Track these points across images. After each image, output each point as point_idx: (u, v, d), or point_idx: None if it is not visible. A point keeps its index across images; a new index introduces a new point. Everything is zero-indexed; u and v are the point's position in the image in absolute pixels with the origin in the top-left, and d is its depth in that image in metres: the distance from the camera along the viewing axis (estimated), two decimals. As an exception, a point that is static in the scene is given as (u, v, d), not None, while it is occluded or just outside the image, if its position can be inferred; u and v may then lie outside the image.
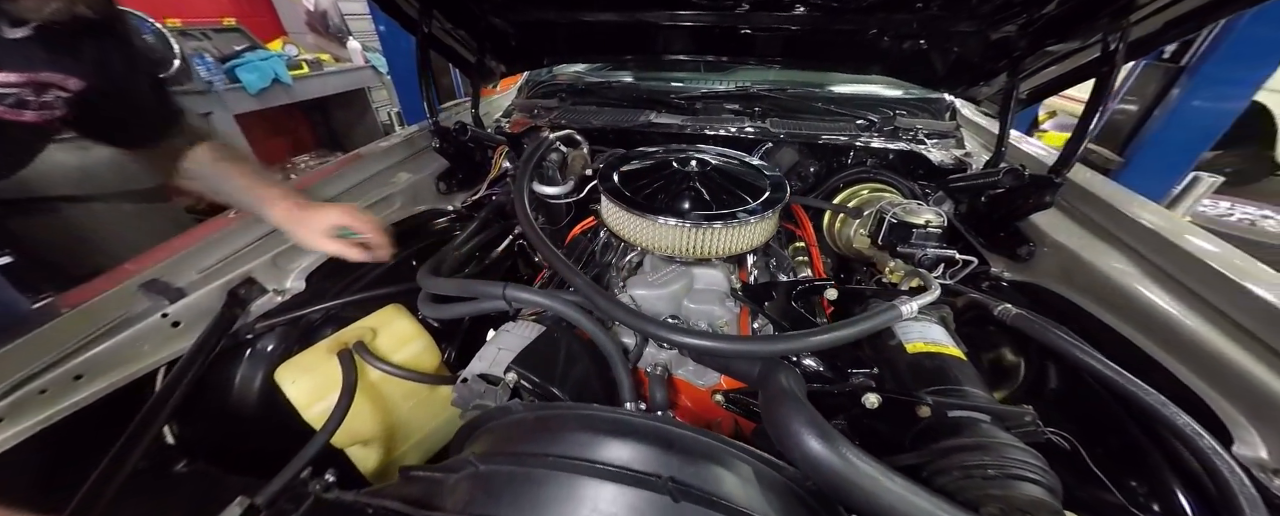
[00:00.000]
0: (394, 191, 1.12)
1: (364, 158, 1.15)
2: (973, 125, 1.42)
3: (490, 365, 0.68)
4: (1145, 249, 0.79)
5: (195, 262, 0.79)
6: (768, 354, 0.60)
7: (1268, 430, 0.56)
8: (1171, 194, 2.02)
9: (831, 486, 0.44)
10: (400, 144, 1.28)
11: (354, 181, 1.10)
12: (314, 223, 0.74)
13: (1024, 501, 0.47)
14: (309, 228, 0.74)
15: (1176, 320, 0.68)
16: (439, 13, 1.10)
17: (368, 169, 1.14)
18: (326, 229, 0.75)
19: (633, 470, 0.42)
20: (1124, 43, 0.75)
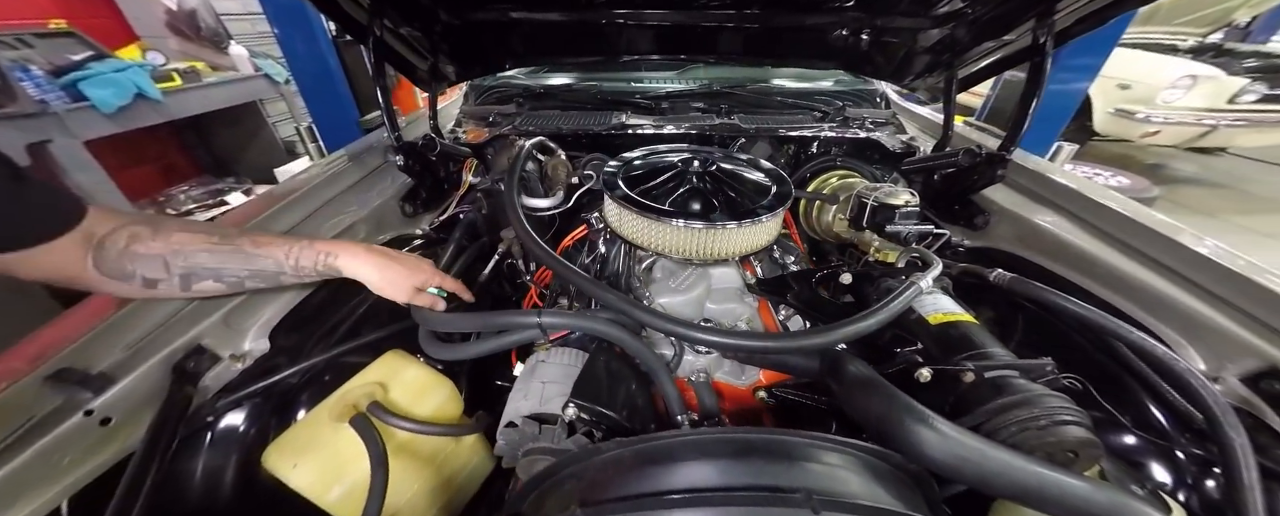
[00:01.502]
0: (356, 219, 0.97)
1: (309, 184, 0.98)
2: (904, 111, 1.59)
3: (541, 402, 0.62)
4: (1075, 208, 0.94)
5: (116, 339, 0.62)
6: (830, 344, 0.62)
7: (1200, 345, 0.70)
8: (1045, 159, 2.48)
9: (940, 465, 0.46)
10: (351, 165, 1.11)
11: (303, 213, 0.93)
12: (407, 277, 0.70)
13: (1073, 443, 0.54)
14: (401, 283, 0.70)
15: (1114, 263, 0.82)
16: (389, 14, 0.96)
17: (317, 197, 0.97)
18: (420, 283, 0.72)
19: (767, 487, 0.41)
20: (1050, 34, 0.88)
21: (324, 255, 0.66)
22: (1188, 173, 4.62)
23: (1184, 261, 0.74)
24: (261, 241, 0.64)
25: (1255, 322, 0.65)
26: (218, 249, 0.60)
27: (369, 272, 0.68)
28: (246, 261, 0.62)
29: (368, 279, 0.68)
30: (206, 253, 0.60)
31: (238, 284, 0.64)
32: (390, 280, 0.69)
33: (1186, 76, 3.40)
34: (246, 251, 0.62)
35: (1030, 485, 0.45)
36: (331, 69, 2.14)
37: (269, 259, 0.63)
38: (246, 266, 0.62)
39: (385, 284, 0.69)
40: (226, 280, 0.62)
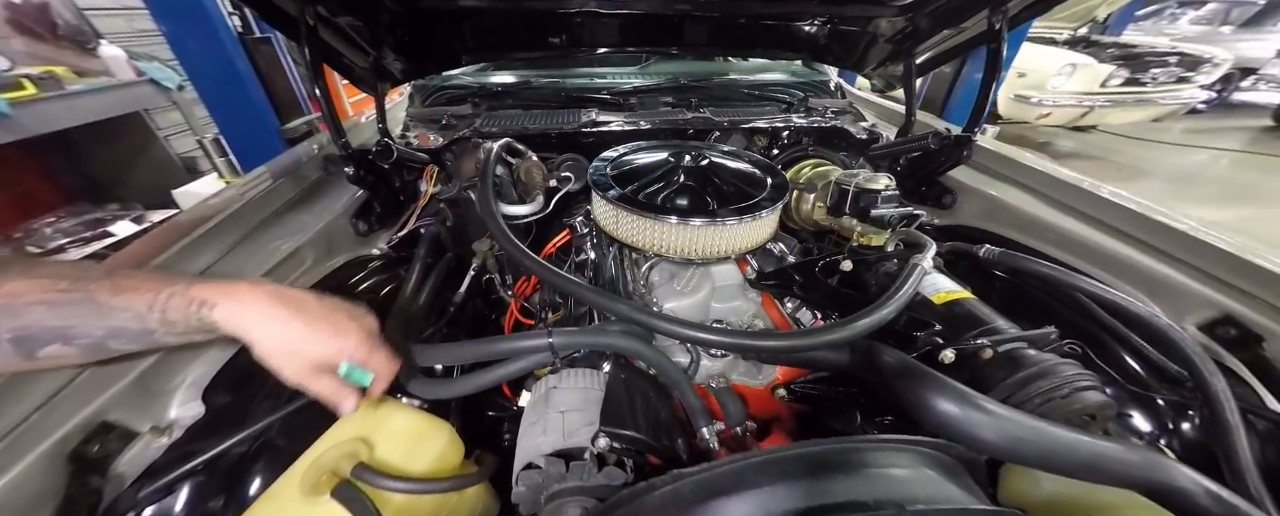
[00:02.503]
0: (300, 243, 0.83)
1: (231, 206, 0.81)
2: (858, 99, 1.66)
3: (565, 436, 0.55)
4: (1035, 183, 1.02)
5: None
6: (860, 335, 0.60)
7: (1161, 301, 0.77)
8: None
9: (999, 449, 0.46)
10: (283, 182, 0.95)
11: (228, 244, 0.77)
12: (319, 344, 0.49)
13: (1093, 407, 0.56)
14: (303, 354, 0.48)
15: (1077, 232, 0.89)
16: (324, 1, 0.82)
17: (244, 222, 0.81)
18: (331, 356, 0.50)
19: (855, 506, 0.38)
20: (1005, 19, 0.93)
21: (197, 304, 0.45)
22: (1068, 148, 5.33)
23: (1139, 226, 0.82)
24: (125, 286, 0.45)
25: (1207, 276, 0.73)
26: (63, 300, 0.43)
27: (260, 331, 0.47)
28: (101, 316, 0.44)
29: (255, 341, 0.47)
30: (46, 306, 0.42)
31: (95, 347, 0.45)
32: (287, 346, 0.47)
33: (1068, 64, 3.90)
34: (100, 302, 0.43)
35: (1084, 458, 0.46)
36: (240, 71, 1.84)
37: (129, 312, 0.44)
38: (102, 323, 0.44)
39: (276, 352, 0.47)
40: (78, 343, 0.44)
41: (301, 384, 0.49)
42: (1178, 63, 4.09)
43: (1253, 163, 4.90)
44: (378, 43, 1.02)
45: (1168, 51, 4.20)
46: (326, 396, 0.51)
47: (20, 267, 0.44)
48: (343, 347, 0.50)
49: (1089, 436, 0.47)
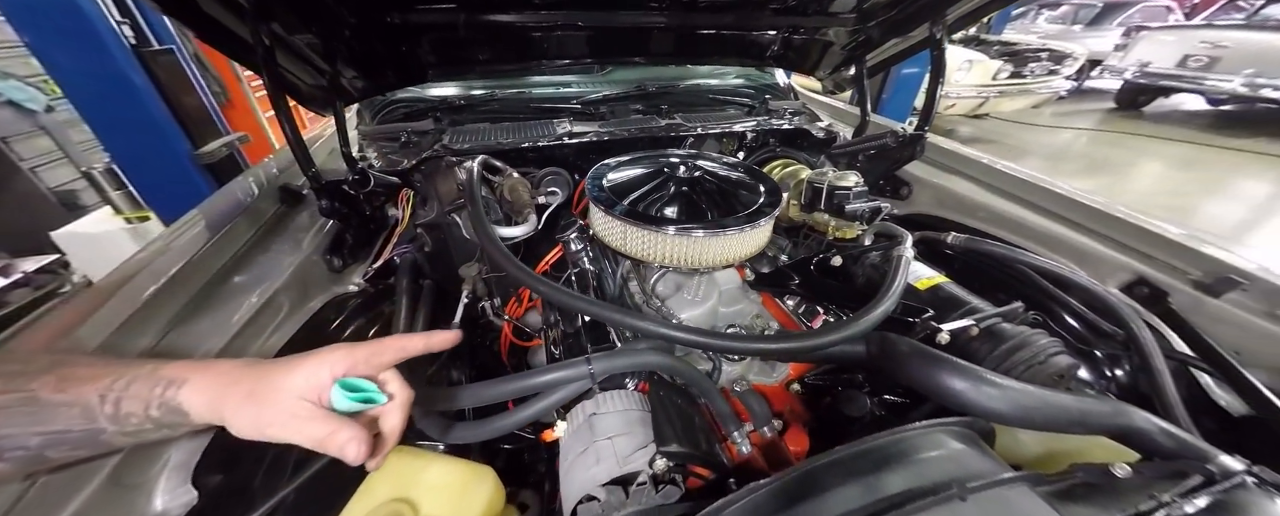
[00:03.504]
0: (274, 289, 0.74)
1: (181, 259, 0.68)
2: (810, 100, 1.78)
3: (620, 463, 0.54)
4: (977, 173, 1.16)
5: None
6: (872, 327, 0.66)
7: (1088, 268, 0.92)
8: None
9: (1011, 418, 0.52)
10: (241, 218, 0.84)
11: (185, 297, 0.66)
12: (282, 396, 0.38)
13: (1063, 369, 0.66)
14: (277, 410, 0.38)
15: (1016, 214, 1.03)
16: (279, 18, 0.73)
17: (203, 271, 0.70)
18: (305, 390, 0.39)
19: (923, 491, 0.42)
20: (944, 29, 1.05)
21: (162, 386, 0.37)
22: (969, 133, 6.06)
23: (1066, 205, 0.96)
24: (72, 376, 0.37)
25: (1122, 245, 0.87)
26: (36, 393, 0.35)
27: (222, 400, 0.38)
28: (38, 420, 0.35)
29: (222, 415, 0.38)
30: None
31: (31, 459, 0.36)
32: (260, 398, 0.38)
33: (966, 61, 4.44)
34: (42, 401, 0.35)
35: (1075, 417, 0.54)
36: (137, 88, 1.56)
37: (76, 409, 0.36)
38: (39, 428, 0.35)
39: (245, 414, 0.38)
40: (9, 456, 0.35)
41: (295, 441, 0.38)
42: (1048, 57, 4.79)
43: (1104, 139, 5.88)
44: (333, 59, 0.93)
45: (1040, 48, 4.91)
46: (322, 442, 0.38)
47: None
48: (324, 363, 0.40)
49: (1076, 398, 0.55)
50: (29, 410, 0.35)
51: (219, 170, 1.78)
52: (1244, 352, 0.73)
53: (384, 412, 0.42)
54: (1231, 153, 5.12)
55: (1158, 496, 0.45)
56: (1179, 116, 6.61)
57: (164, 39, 1.68)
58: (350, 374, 0.41)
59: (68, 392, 0.36)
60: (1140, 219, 0.88)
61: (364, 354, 0.42)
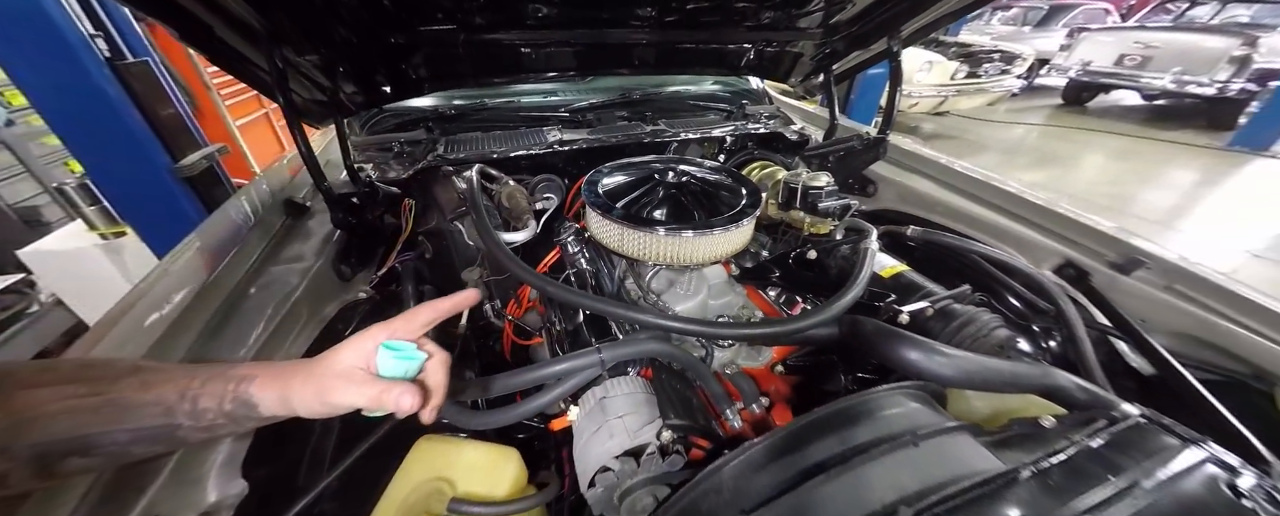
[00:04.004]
0: (291, 299, 0.78)
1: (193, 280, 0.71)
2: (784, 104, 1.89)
3: (631, 437, 0.62)
4: (934, 172, 1.28)
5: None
6: (841, 313, 0.75)
7: (1026, 254, 1.05)
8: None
9: (955, 381, 0.63)
10: (252, 232, 0.87)
11: (208, 312, 0.69)
12: (336, 368, 0.43)
13: (1002, 340, 0.77)
14: (331, 380, 0.43)
15: (966, 208, 1.15)
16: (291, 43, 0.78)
17: (221, 287, 0.73)
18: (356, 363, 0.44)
19: (882, 438, 0.51)
20: (900, 41, 1.17)
21: (236, 387, 0.42)
22: (931, 130, 6.39)
23: (1008, 200, 1.09)
24: (154, 381, 0.42)
25: (1053, 233, 1.00)
26: (82, 407, 0.39)
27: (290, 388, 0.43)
28: (123, 417, 0.40)
29: (290, 402, 0.43)
30: (67, 416, 0.39)
31: (119, 454, 0.41)
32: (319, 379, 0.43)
33: (926, 62, 4.69)
34: (127, 402, 0.40)
35: (1007, 379, 0.65)
36: (113, 101, 1.53)
37: (157, 408, 0.41)
38: (123, 425, 0.40)
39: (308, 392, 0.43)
40: (99, 452, 0.40)
41: (350, 400, 0.43)
42: (1000, 58, 5.11)
43: (1053, 133, 6.30)
44: (334, 76, 0.97)
45: (993, 49, 5.23)
46: (380, 400, 0.42)
47: (24, 375, 0.40)
48: (369, 337, 0.45)
49: (1010, 363, 0.66)
50: (117, 410, 0.40)
51: (198, 183, 1.76)
52: (1149, 321, 0.86)
53: (428, 370, 0.47)
54: (1163, 144, 5.58)
55: (1071, 438, 0.56)
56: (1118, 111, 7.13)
57: (138, 51, 1.65)
58: (393, 338, 0.46)
59: (150, 393, 0.41)
60: (1068, 210, 1.01)
61: (400, 321, 0.47)
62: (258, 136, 3.51)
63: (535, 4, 0.93)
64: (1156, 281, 0.87)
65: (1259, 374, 0.76)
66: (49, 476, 0.39)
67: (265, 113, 3.60)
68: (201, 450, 0.55)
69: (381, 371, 0.44)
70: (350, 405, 0.43)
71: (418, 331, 0.48)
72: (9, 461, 0.37)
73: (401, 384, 0.43)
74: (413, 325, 0.48)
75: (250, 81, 0.82)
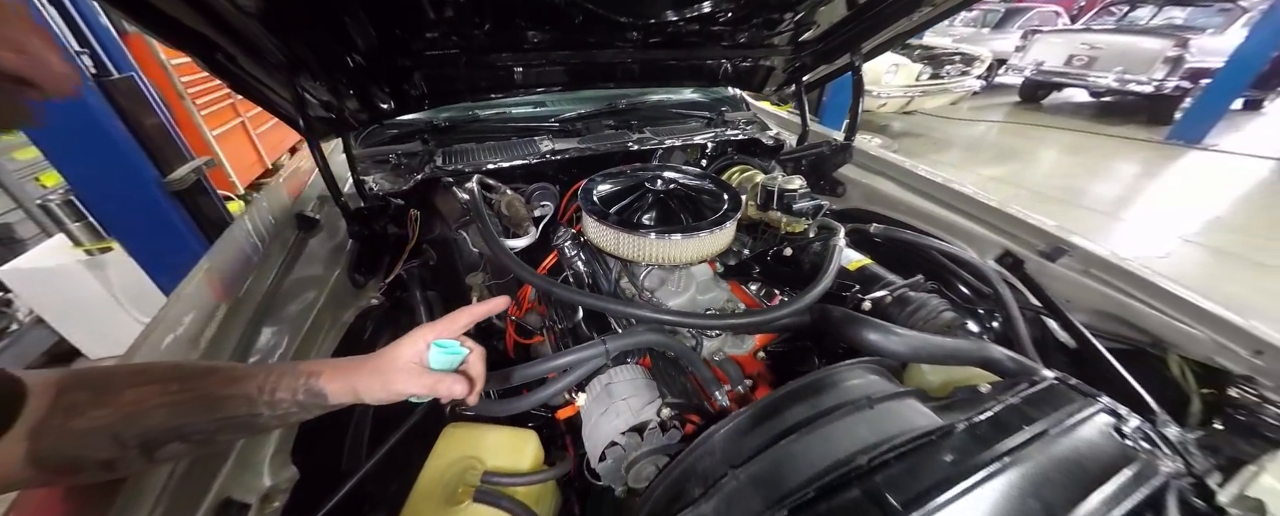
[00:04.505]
0: (317, 306, 0.85)
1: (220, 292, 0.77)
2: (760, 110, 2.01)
3: (635, 415, 0.72)
4: (895, 173, 1.42)
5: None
6: (812, 303, 0.87)
7: (972, 246, 1.19)
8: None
9: (906, 356, 0.75)
10: (273, 246, 0.93)
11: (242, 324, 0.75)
12: (397, 362, 0.52)
13: (949, 322, 0.90)
14: (393, 374, 0.52)
15: (922, 206, 1.29)
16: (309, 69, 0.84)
17: (251, 301, 0.79)
18: (415, 363, 0.53)
19: (844, 403, 0.62)
20: (861, 57, 1.29)
21: (305, 378, 0.51)
22: (900, 128, 6.68)
23: (958, 198, 1.23)
24: (232, 377, 0.50)
25: (994, 227, 1.14)
26: (179, 401, 0.47)
27: (356, 380, 0.52)
28: (213, 409, 0.48)
29: (357, 391, 0.52)
30: (167, 409, 0.46)
31: (208, 440, 0.49)
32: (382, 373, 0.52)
33: (893, 65, 4.93)
34: (214, 396, 0.48)
35: (949, 353, 0.77)
36: (100, 116, 1.52)
37: (240, 400, 0.49)
38: (213, 416, 0.48)
39: (375, 384, 0.52)
40: (193, 438, 0.48)
41: (410, 390, 0.52)
42: (960, 60, 5.40)
43: (1011, 129, 6.68)
44: (340, 95, 1.03)
45: (954, 51, 5.52)
46: (434, 388, 0.52)
47: (125, 376, 0.47)
48: (420, 337, 0.54)
49: (952, 340, 0.79)
50: (207, 403, 0.48)
51: (186, 197, 1.76)
52: (1072, 301, 1.01)
53: (469, 362, 0.56)
54: (1109, 139, 6.00)
55: (999, 398, 0.68)
56: (1070, 108, 7.60)
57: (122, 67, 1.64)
58: (440, 337, 0.55)
59: (232, 388, 0.49)
60: (1005, 207, 1.16)
61: (444, 323, 0.56)
62: (234, 146, 3.45)
63: (532, 31, 1.01)
64: (1077, 267, 1.02)
65: (1156, 342, 0.91)
66: (152, 460, 0.46)
67: (241, 121, 3.54)
68: (256, 442, 0.62)
69: (433, 365, 0.53)
70: (411, 393, 0.52)
71: (459, 331, 0.57)
72: (121, 448, 0.44)
73: (451, 375, 0.53)
74: (455, 326, 0.56)
75: (267, 106, 0.88)
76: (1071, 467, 0.59)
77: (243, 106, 3.54)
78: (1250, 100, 6.83)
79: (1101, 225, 3.70)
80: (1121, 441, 0.63)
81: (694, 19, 1.04)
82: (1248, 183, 4.59)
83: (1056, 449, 0.60)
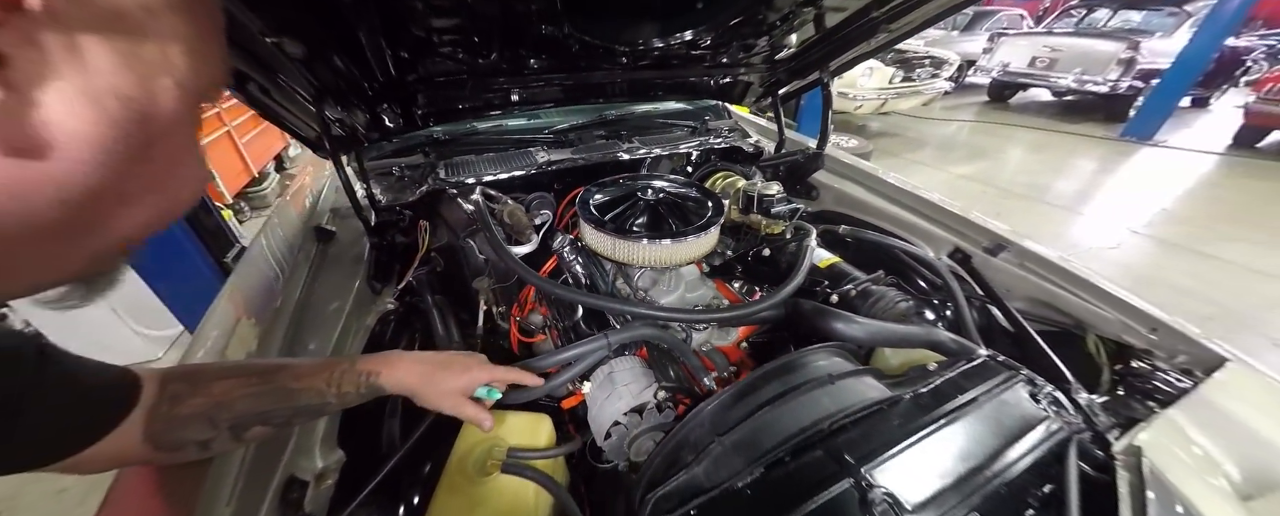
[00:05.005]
0: (345, 312, 0.94)
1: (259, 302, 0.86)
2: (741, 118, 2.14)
3: (635, 397, 0.83)
4: (860, 178, 1.56)
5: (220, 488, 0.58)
6: (786, 298, 0.99)
7: (929, 244, 1.33)
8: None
9: (866, 341, 0.88)
10: (299, 261, 1.01)
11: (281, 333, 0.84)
12: (455, 380, 0.68)
13: (905, 312, 1.03)
14: (448, 390, 0.68)
15: (884, 208, 1.43)
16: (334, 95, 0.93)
17: (285, 311, 0.87)
18: (466, 386, 0.70)
19: (811, 380, 0.74)
20: (829, 74, 1.43)
21: (366, 376, 0.64)
22: (877, 128, 6.94)
23: (916, 201, 1.38)
24: (301, 372, 0.61)
25: (945, 226, 1.29)
26: (260, 392, 0.57)
27: (413, 384, 0.66)
28: (289, 398, 0.59)
29: (412, 392, 0.67)
30: (251, 398, 0.56)
31: (285, 423, 0.60)
32: (437, 387, 0.67)
33: (867, 68, 5.14)
34: (288, 388, 0.59)
35: (902, 337, 0.90)
36: None
37: (312, 392, 0.60)
38: (290, 404, 0.59)
39: (431, 394, 0.67)
40: (274, 422, 0.58)
41: (454, 411, 0.69)
42: (930, 63, 5.66)
43: (981, 129, 7.00)
44: (353, 115, 1.11)
45: (924, 55, 5.77)
46: (473, 417, 0.70)
47: (215, 371, 0.57)
48: (475, 377, 0.72)
49: (904, 326, 0.92)
50: (283, 394, 0.58)
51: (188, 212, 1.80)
52: (1011, 291, 1.15)
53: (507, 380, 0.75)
54: (1071, 136, 6.35)
55: (941, 374, 0.81)
56: (1035, 107, 7.98)
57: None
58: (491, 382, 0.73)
59: (303, 382, 0.59)
60: (956, 207, 1.30)
61: (498, 373, 0.74)
62: (221, 155, 3.44)
63: (532, 58, 1.11)
64: (1014, 261, 1.17)
65: (1078, 324, 1.06)
66: (239, 440, 0.56)
67: (226, 130, 3.52)
68: (308, 429, 0.71)
69: (478, 395, 0.72)
70: (450, 412, 0.69)
71: (503, 382, 0.74)
72: (214, 429, 0.54)
73: (485, 410, 0.72)
74: (503, 377, 0.75)
75: (291, 129, 0.96)
76: (994, 426, 0.72)
77: (228, 115, 3.53)
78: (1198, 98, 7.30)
79: (1064, 220, 3.96)
80: (1036, 405, 0.77)
81: (678, 45, 1.16)
82: (1193, 176, 4.94)
83: (983, 412, 0.74)
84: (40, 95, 0.22)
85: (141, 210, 0.29)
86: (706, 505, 0.61)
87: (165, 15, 0.26)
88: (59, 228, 0.25)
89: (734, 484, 0.62)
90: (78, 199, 0.25)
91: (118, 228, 0.28)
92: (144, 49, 0.26)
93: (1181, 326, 0.90)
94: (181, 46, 0.27)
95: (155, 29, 0.26)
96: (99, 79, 0.24)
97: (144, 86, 0.26)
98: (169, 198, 0.31)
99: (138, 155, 0.27)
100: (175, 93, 0.27)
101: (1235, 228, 3.72)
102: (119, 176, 0.26)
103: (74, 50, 0.23)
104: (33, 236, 0.24)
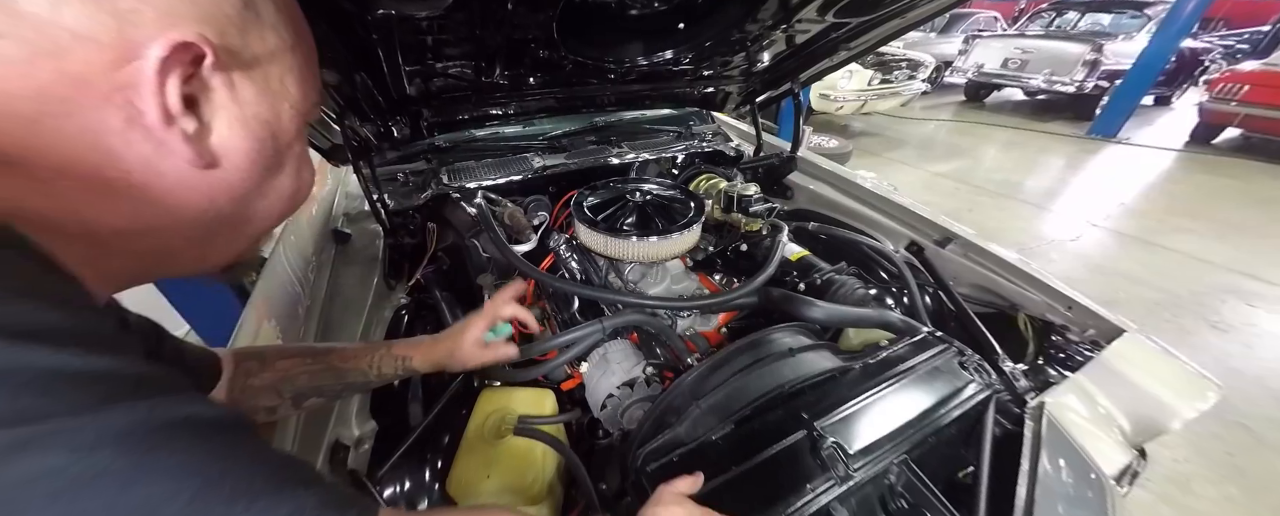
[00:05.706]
0: (366, 308, 1.05)
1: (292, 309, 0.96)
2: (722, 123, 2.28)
3: (626, 373, 0.96)
4: (830, 179, 1.71)
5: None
6: (760, 287, 1.13)
7: (889, 239, 1.49)
8: (795, 137, 3.77)
9: (827, 322, 1.02)
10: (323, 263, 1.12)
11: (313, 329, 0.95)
12: (465, 344, 0.77)
13: (864, 298, 1.18)
14: (464, 352, 0.77)
15: (851, 206, 1.58)
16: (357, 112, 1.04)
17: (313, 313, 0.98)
18: (477, 342, 0.78)
19: (774, 353, 0.88)
20: (799, 84, 1.57)
21: (401, 359, 0.75)
22: (858, 128, 7.16)
23: (878, 200, 1.53)
24: (347, 355, 0.72)
25: (902, 222, 1.44)
26: (315, 370, 0.68)
27: (439, 357, 0.77)
28: (339, 376, 0.70)
29: (442, 364, 0.77)
30: (307, 375, 0.67)
31: (336, 395, 0.73)
32: (460, 353, 0.77)
33: (847, 71, 5.33)
34: (337, 367, 0.70)
35: (856, 318, 1.05)
36: None
37: (356, 371, 0.71)
38: (340, 380, 0.70)
39: (457, 360, 0.77)
40: (326, 394, 0.70)
41: (482, 361, 0.80)
42: (907, 65, 5.88)
43: (958, 128, 7.26)
44: (367, 127, 1.22)
45: (902, 57, 5.99)
46: (497, 356, 0.81)
47: (276, 351, 0.69)
48: (477, 327, 0.80)
49: (858, 309, 1.06)
50: (334, 372, 0.70)
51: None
52: (956, 279, 1.31)
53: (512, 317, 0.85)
54: (1042, 134, 6.63)
55: (889, 349, 0.96)
56: (1009, 106, 8.28)
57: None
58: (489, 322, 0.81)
59: (350, 363, 0.72)
60: (911, 204, 1.46)
61: (490, 311, 0.82)
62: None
63: (531, 76, 1.23)
64: (960, 251, 1.32)
65: (1012, 305, 1.22)
66: (300, 408, 0.68)
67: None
68: (345, 402, 0.83)
69: (487, 340, 0.81)
70: (479, 364, 0.80)
71: (502, 316, 0.83)
72: (279, 398, 0.66)
73: (504, 343, 0.82)
74: (500, 313, 0.83)
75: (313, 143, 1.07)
76: (927, 389, 0.86)
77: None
78: (1161, 97, 7.65)
79: (1034, 216, 4.18)
80: (964, 372, 0.92)
81: (661, 62, 1.29)
82: (1152, 172, 5.23)
83: (919, 378, 0.88)
84: (215, 123, 0.31)
85: (277, 205, 0.39)
86: (686, 454, 0.74)
87: (285, 55, 0.34)
88: (234, 219, 0.36)
89: (709, 437, 0.76)
90: (242, 198, 0.35)
91: (263, 220, 0.38)
92: (272, 82, 0.34)
93: (1090, 304, 1.06)
94: (294, 77, 0.35)
95: (278, 66, 0.34)
96: (247, 108, 0.32)
97: (274, 111, 0.34)
98: (293, 196, 0.40)
99: (272, 164, 0.36)
100: (291, 114, 0.36)
101: (1185, 220, 3.98)
102: (262, 181, 0.36)
103: (232, 88, 0.31)
104: (222, 224, 0.35)
